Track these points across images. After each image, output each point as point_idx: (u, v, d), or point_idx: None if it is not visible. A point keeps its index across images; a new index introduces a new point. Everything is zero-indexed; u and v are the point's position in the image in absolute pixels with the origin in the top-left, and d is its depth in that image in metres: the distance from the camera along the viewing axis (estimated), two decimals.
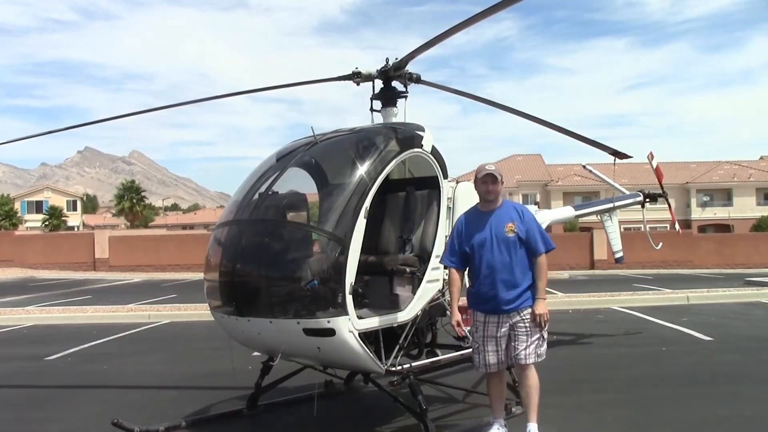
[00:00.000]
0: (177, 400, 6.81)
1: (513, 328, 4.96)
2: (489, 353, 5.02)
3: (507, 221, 4.99)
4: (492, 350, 5.02)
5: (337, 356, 5.13)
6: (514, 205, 5.19)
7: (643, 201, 10.46)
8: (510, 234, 4.95)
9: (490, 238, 4.98)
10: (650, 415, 5.89)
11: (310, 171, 5.92)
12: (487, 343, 5.03)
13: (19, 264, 31.29)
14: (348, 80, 6.22)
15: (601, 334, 10.61)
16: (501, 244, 4.96)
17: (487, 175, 5.00)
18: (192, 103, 7.11)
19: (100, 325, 13.03)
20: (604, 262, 27.65)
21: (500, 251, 4.95)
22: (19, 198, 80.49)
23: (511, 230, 4.95)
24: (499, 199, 5.10)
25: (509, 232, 4.95)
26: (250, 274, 5.35)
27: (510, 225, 4.96)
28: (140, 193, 76.35)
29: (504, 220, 5.00)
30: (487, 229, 5.01)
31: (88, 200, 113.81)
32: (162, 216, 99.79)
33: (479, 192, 5.13)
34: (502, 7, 4.78)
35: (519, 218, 5.00)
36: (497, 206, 5.08)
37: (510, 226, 4.96)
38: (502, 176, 5.09)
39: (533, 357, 4.96)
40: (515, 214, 5.04)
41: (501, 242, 4.96)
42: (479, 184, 5.06)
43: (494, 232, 4.98)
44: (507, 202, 5.17)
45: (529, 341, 4.94)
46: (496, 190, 5.05)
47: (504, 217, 5.02)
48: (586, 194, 53.13)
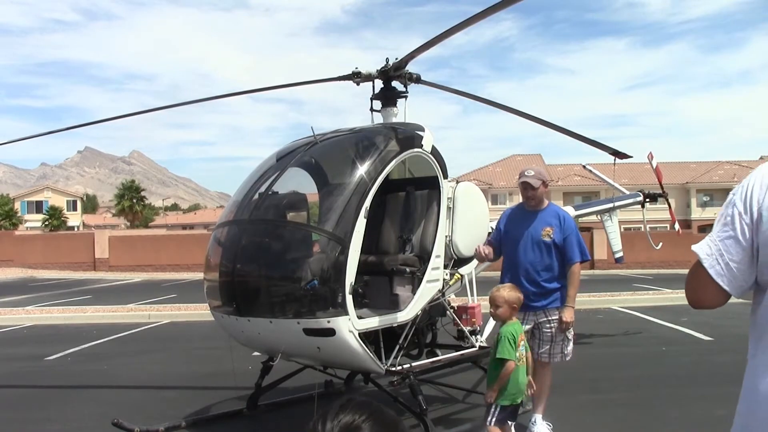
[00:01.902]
0: (177, 400, 6.81)
1: (537, 326, 5.15)
2: None
3: (546, 225, 5.17)
4: None
5: (337, 356, 5.13)
6: (558, 211, 5.35)
7: (643, 201, 10.46)
8: (546, 238, 5.13)
9: (526, 237, 5.18)
10: (650, 415, 5.89)
11: (310, 171, 5.92)
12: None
13: (19, 264, 31.28)
14: (348, 80, 6.22)
15: (601, 334, 10.61)
16: (535, 245, 5.15)
17: (523, 183, 5.19)
18: (192, 103, 7.12)
19: (100, 325, 13.03)
20: (604, 262, 27.59)
21: (533, 251, 5.14)
22: (19, 198, 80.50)
23: (548, 235, 5.13)
24: (544, 201, 5.30)
25: (545, 236, 5.13)
26: (250, 274, 5.36)
27: (548, 229, 5.14)
28: (140, 193, 76.38)
29: (543, 224, 5.18)
30: (525, 228, 5.21)
31: (88, 200, 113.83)
32: (162, 216, 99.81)
33: (522, 195, 5.34)
34: (502, 7, 4.78)
35: (559, 225, 5.17)
36: (541, 208, 5.27)
37: (548, 230, 5.14)
38: (544, 179, 5.26)
39: (559, 356, 5.18)
40: (556, 220, 5.20)
41: (535, 243, 5.15)
42: (521, 189, 5.29)
43: (531, 233, 5.17)
44: (552, 207, 5.36)
45: (554, 341, 5.15)
46: (536, 196, 5.23)
47: (545, 221, 5.20)
48: (586, 194, 53.14)
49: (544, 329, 5.15)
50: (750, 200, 1.77)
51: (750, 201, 1.77)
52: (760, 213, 1.74)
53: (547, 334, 5.15)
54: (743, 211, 1.78)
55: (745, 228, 1.77)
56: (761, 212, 1.74)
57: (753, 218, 1.76)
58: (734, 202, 1.81)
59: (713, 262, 1.81)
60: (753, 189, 1.78)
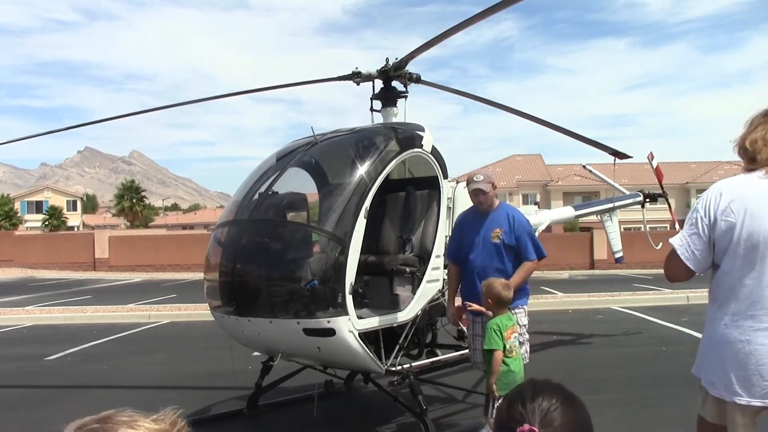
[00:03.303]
0: (177, 400, 6.80)
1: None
2: (477, 351, 5.08)
3: (496, 226, 5.05)
4: (479, 349, 5.07)
5: (337, 356, 5.14)
6: (509, 210, 5.21)
7: (643, 201, 10.45)
8: (495, 239, 5.02)
9: (479, 240, 5.06)
10: (650, 415, 5.89)
11: (310, 171, 5.92)
12: (476, 341, 5.10)
13: (19, 264, 31.26)
14: (348, 80, 6.22)
15: (601, 334, 10.61)
16: (486, 247, 5.03)
17: (475, 190, 5.03)
18: (192, 103, 7.12)
19: (100, 325, 13.03)
20: (604, 262, 27.61)
21: (485, 255, 5.03)
22: (19, 198, 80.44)
23: (497, 236, 5.02)
24: (494, 202, 5.15)
25: (495, 238, 5.02)
26: (250, 274, 5.36)
27: (497, 231, 5.03)
28: (140, 193, 76.32)
29: (493, 225, 5.06)
30: (477, 232, 5.09)
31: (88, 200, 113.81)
32: (162, 216, 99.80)
33: (472, 200, 5.18)
34: (502, 7, 4.78)
35: (509, 225, 5.04)
36: (492, 209, 5.13)
37: (497, 231, 5.03)
38: (492, 182, 5.11)
39: None
40: (506, 221, 5.07)
41: (487, 246, 5.03)
42: (471, 195, 5.13)
43: (483, 236, 5.06)
44: (502, 207, 5.21)
45: None
46: (487, 200, 5.08)
47: (494, 223, 5.07)
48: (586, 194, 53.09)
49: None
50: (708, 209, 2.69)
51: (708, 209, 2.69)
52: (715, 217, 2.66)
53: None
54: (704, 216, 2.69)
55: (705, 228, 2.69)
56: (716, 217, 2.66)
57: (710, 221, 2.68)
58: (698, 209, 2.73)
59: (683, 250, 2.75)
60: (710, 201, 2.70)
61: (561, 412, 1.28)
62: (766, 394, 2.56)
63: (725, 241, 2.65)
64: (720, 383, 2.67)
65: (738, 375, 2.60)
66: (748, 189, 2.64)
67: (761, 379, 2.55)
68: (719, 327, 2.69)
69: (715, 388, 2.70)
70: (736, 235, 2.62)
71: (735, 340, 2.62)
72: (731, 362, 2.62)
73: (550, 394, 1.31)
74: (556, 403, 1.29)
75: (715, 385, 2.70)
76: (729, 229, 2.63)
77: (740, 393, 2.59)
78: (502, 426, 1.32)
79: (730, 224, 2.63)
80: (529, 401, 1.29)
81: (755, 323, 2.58)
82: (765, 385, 2.55)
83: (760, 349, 2.55)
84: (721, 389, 2.66)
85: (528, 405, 1.29)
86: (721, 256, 2.68)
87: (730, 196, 2.66)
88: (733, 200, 2.64)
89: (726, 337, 2.65)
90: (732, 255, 2.64)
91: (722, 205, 2.65)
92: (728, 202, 2.64)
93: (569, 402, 1.31)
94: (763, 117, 2.74)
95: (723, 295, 2.71)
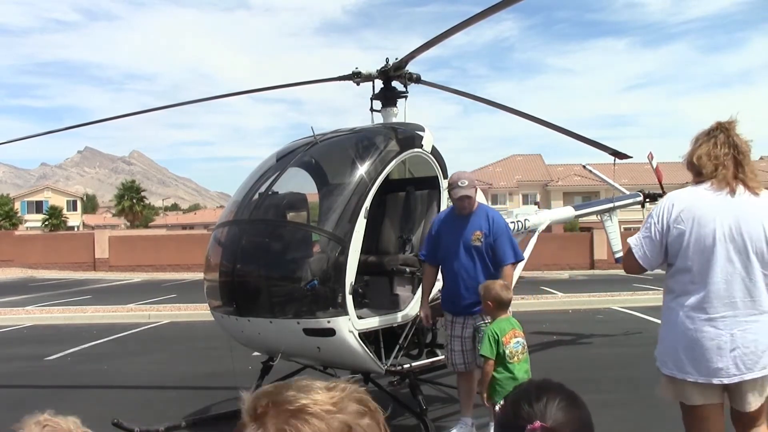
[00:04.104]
0: (177, 400, 6.81)
1: (478, 330, 5.01)
2: (455, 353, 5.10)
3: (476, 229, 5.02)
4: (458, 350, 5.08)
5: (337, 356, 5.14)
6: (488, 212, 5.19)
7: (643, 201, 10.44)
8: (476, 242, 5.00)
9: (458, 243, 5.03)
10: (650, 415, 5.88)
11: (310, 171, 5.92)
12: (454, 342, 5.11)
13: (19, 264, 31.26)
14: (348, 80, 6.22)
15: (601, 334, 10.61)
16: (467, 250, 5.01)
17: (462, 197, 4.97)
18: (192, 103, 7.13)
19: (100, 325, 13.04)
20: (604, 262, 27.58)
21: (465, 258, 5.01)
22: (19, 198, 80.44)
23: (478, 239, 5.00)
24: (474, 204, 5.11)
25: (475, 241, 5.01)
26: (250, 274, 5.36)
27: (478, 233, 5.01)
28: (140, 193, 76.30)
29: (474, 228, 5.04)
30: (457, 234, 5.06)
31: (88, 200, 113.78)
32: (162, 216, 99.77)
33: (456, 206, 5.13)
34: (502, 7, 4.79)
35: (488, 227, 5.02)
36: (471, 212, 5.09)
37: (478, 234, 5.01)
38: (475, 186, 5.10)
39: None
40: (486, 222, 5.05)
41: (467, 249, 5.01)
42: (455, 201, 5.07)
43: (462, 238, 5.03)
44: (482, 208, 5.17)
45: None
46: (472, 203, 5.06)
47: (474, 225, 5.05)
48: (586, 194, 53.06)
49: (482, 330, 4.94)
50: (662, 217, 3.15)
51: (662, 217, 3.15)
52: (668, 225, 3.12)
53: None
54: (657, 222, 3.17)
55: (657, 233, 3.16)
56: (669, 224, 3.12)
57: (663, 228, 3.14)
58: (653, 216, 3.21)
59: (637, 249, 3.23)
60: (664, 210, 3.16)
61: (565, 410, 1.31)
62: (711, 373, 3.03)
63: (677, 245, 3.11)
64: (672, 364, 3.13)
65: (688, 357, 3.06)
66: (696, 200, 3.11)
67: (707, 361, 3.02)
68: (674, 316, 3.14)
69: (667, 368, 3.17)
70: (686, 240, 3.07)
71: (687, 329, 3.07)
72: (684, 347, 3.08)
73: (554, 393, 1.35)
74: (560, 401, 1.33)
75: (667, 365, 3.17)
76: (680, 234, 3.09)
77: (691, 372, 3.06)
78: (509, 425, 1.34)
79: (681, 231, 3.08)
80: (535, 400, 1.32)
81: (702, 314, 3.04)
82: (709, 366, 3.02)
83: (706, 335, 3.02)
84: (674, 369, 3.13)
85: (535, 404, 1.32)
86: (674, 257, 3.14)
87: (680, 206, 3.12)
88: (683, 210, 3.10)
89: (679, 325, 3.10)
90: (683, 257, 3.09)
91: (674, 214, 3.11)
92: (679, 212, 3.10)
93: (572, 400, 1.35)
94: (706, 136, 3.20)
95: (678, 289, 3.15)
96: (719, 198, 3.07)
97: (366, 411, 1.05)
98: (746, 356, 2.99)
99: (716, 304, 3.03)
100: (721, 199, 3.07)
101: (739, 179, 3.09)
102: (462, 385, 5.24)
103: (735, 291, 3.02)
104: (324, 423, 0.99)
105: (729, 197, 3.07)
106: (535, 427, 1.28)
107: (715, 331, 3.01)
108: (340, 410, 1.02)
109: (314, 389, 1.06)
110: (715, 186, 3.10)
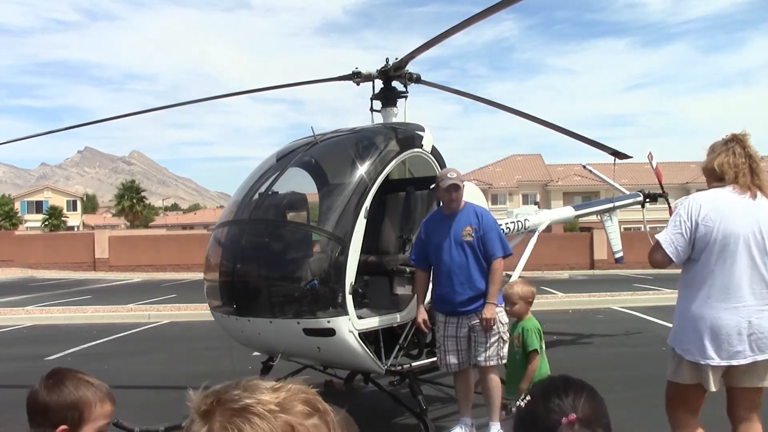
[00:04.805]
0: (177, 400, 6.79)
1: (472, 329, 5.00)
2: (449, 353, 5.08)
3: (466, 225, 5.02)
4: (452, 350, 5.06)
5: (337, 356, 5.14)
6: (476, 208, 5.19)
7: (643, 201, 10.44)
8: (468, 238, 5.00)
9: (449, 241, 5.02)
10: (650, 415, 5.88)
11: (310, 171, 5.93)
12: (448, 343, 5.08)
13: (19, 264, 31.26)
14: (348, 80, 6.23)
15: (601, 334, 10.61)
16: (458, 247, 5.00)
17: (450, 185, 4.99)
18: (192, 103, 7.13)
19: (100, 325, 13.04)
20: (604, 262, 27.60)
21: (458, 254, 5.00)
22: (19, 198, 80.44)
23: (469, 234, 5.00)
24: (461, 202, 5.12)
25: (467, 236, 5.00)
26: (250, 274, 5.36)
27: (468, 229, 5.01)
28: (140, 193, 76.31)
29: (464, 224, 5.03)
30: (446, 233, 5.05)
31: (88, 200, 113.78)
32: (162, 216, 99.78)
33: (442, 200, 5.14)
34: (502, 7, 4.79)
35: (478, 222, 5.03)
36: (459, 210, 5.09)
37: (468, 230, 5.01)
38: (463, 180, 5.11)
39: (495, 359, 5.02)
40: (475, 218, 5.05)
41: (458, 245, 5.00)
42: (443, 193, 5.06)
43: (453, 236, 5.02)
44: (469, 206, 5.17)
45: (488, 343, 4.98)
46: (460, 197, 5.06)
47: (464, 221, 5.05)
48: (586, 194, 53.07)
49: (478, 329, 4.98)
50: (691, 215, 3.50)
51: (691, 215, 3.50)
52: (697, 222, 3.47)
53: (481, 333, 4.98)
54: (686, 220, 3.50)
55: (687, 230, 3.49)
56: (698, 222, 3.47)
57: (692, 225, 3.48)
58: (680, 214, 3.54)
59: (668, 245, 3.55)
60: (692, 209, 3.51)
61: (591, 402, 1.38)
62: (731, 356, 3.41)
63: (704, 242, 3.46)
64: (695, 350, 3.47)
65: (711, 343, 3.42)
66: (722, 202, 3.49)
67: (728, 345, 3.40)
68: (694, 306, 3.50)
69: (690, 354, 3.49)
70: (713, 237, 3.43)
71: (709, 317, 3.44)
72: (706, 333, 3.43)
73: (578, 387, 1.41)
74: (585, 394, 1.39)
75: (690, 351, 3.49)
76: (707, 232, 3.45)
77: (713, 357, 3.42)
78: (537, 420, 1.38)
79: (709, 228, 3.44)
80: (563, 394, 1.38)
81: (726, 304, 3.42)
82: (730, 349, 3.40)
83: (729, 322, 3.40)
84: (696, 355, 3.46)
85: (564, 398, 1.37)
86: (700, 252, 3.49)
87: (708, 206, 3.49)
88: (711, 209, 3.47)
89: (701, 314, 3.46)
90: (709, 252, 3.45)
91: (702, 213, 3.46)
92: (707, 211, 3.47)
93: (594, 393, 1.42)
94: (724, 146, 3.59)
95: (699, 281, 3.50)
96: (743, 201, 3.48)
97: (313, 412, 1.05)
98: (761, 340, 3.41)
99: (738, 294, 3.42)
100: (744, 202, 3.48)
101: (756, 185, 3.51)
102: (459, 385, 5.23)
103: (754, 283, 3.44)
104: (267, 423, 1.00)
105: (751, 200, 3.49)
106: (572, 420, 1.33)
107: (737, 318, 3.40)
108: (285, 411, 1.02)
109: (260, 389, 1.07)
110: (738, 190, 3.49)
